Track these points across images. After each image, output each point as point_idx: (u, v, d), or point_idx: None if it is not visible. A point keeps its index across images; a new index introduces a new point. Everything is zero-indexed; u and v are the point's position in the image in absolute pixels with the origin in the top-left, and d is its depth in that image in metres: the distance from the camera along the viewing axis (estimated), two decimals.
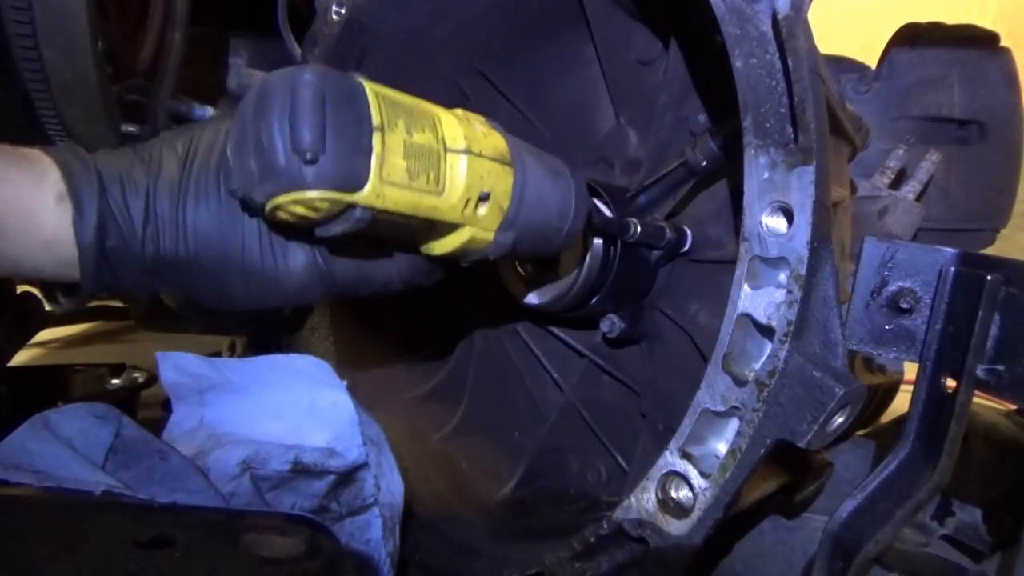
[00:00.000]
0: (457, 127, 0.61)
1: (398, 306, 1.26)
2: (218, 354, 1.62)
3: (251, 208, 0.60)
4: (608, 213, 0.97)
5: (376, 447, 0.87)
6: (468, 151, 0.60)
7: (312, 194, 0.53)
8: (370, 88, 0.56)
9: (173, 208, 0.62)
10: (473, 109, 1.19)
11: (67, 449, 0.70)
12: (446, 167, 0.59)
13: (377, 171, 0.54)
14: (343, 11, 1.11)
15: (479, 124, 0.64)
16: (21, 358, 1.81)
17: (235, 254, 0.63)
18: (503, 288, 1.08)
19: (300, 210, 0.55)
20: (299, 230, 0.60)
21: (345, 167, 0.53)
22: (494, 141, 0.64)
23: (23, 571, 0.48)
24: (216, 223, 0.62)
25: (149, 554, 0.52)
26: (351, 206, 0.55)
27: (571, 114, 1.14)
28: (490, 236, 0.64)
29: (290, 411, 0.88)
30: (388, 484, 0.87)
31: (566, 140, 1.14)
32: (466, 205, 0.60)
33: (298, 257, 0.64)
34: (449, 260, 0.68)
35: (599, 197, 0.99)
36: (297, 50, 1.21)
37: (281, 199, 0.54)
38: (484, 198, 0.62)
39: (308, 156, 0.52)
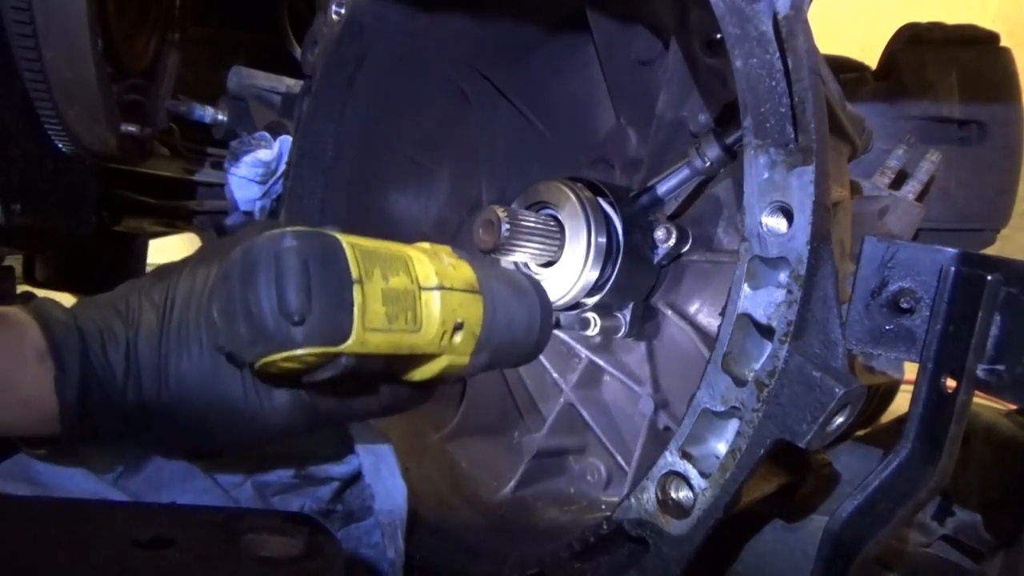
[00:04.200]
0: (428, 264, 0.65)
1: None
2: None
3: (238, 362, 0.62)
4: (612, 212, 0.97)
5: (373, 454, 0.87)
6: (441, 287, 0.64)
7: (301, 352, 0.56)
8: (346, 242, 0.60)
9: (154, 359, 0.62)
10: (473, 109, 1.19)
11: (73, 461, 0.70)
12: (421, 305, 0.63)
13: (360, 322, 0.58)
14: (343, 11, 1.11)
15: (447, 256, 0.69)
16: None
17: (218, 399, 0.63)
18: None
19: (289, 365, 0.58)
20: (287, 379, 0.62)
21: (331, 324, 0.57)
22: (463, 272, 0.68)
23: (23, 571, 0.48)
24: (198, 370, 0.62)
25: (149, 554, 0.52)
26: (337, 356, 0.58)
27: (571, 114, 1.14)
28: (466, 360, 0.69)
29: None
30: (388, 490, 0.86)
31: (566, 140, 1.14)
32: (442, 337, 0.65)
33: (282, 397, 0.65)
34: (429, 384, 0.72)
35: (603, 197, 0.99)
36: (297, 50, 1.21)
37: (271, 358, 0.57)
38: (458, 327, 0.66)
39: (296, 319, 0.55)
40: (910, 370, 0.70)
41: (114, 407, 0.62)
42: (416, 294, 0.63)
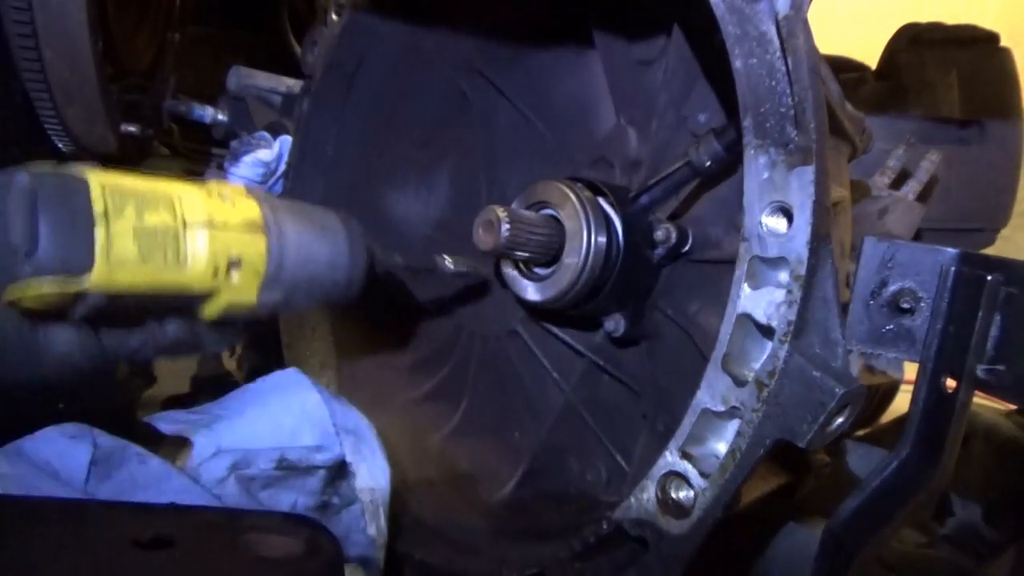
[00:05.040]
0: (199, 203, 0.66)
1: (399, 306, 1.26)
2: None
3: None
4: (612, 212, 0.97)
5: (353, 435, 0.88)
6: (210, 224, 0.65)
7: (34, 283, 0.58)
8: (96, 181, 0.61)
9: None
10: (473, 109, 1.19)
11: (42, 472, 0.70)
12: (185, 243, 0.64)
13: (103, 256, 0.59)
14: (343, 11, 1.11)
15: (229, 194, 0.70)
16: None
17: None
18: (504, 287, 1.08)
19: (33, 298, 0.59)
20: (51, 314, 0.63)
21: (62, 257, 0.58)
22: (243, 210, 0.69)
23: (23, 571, 0.48)
24: None
25: (149, 554, 0.52)
26: (83, 290, 0.59)
27: (571, 114, 1.14)
28: (252, 298, 0.70)
29: (277, 422, 0.88)
30: (370, 469, 0.87)
31: (566, 140, 1.14)
32: (215, 274, 0.66)
33: (60, 332, 0.65)
34: (225, 322, 0.72)
35: (603, 197, 0.99)
36: (297, 50, 1.21)
37: (10, 290, 0.58)
38: (235, 265, 0.67)
39: (22, 251, 0.57)
40: (910, 370, 0.70)
41: None
42: (179, 231, 0.64)
